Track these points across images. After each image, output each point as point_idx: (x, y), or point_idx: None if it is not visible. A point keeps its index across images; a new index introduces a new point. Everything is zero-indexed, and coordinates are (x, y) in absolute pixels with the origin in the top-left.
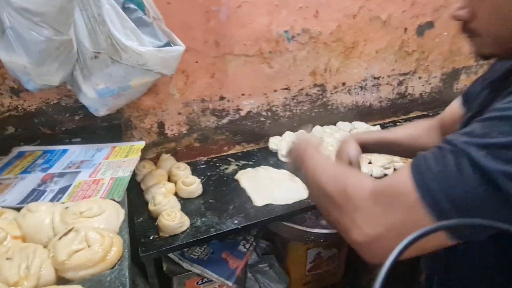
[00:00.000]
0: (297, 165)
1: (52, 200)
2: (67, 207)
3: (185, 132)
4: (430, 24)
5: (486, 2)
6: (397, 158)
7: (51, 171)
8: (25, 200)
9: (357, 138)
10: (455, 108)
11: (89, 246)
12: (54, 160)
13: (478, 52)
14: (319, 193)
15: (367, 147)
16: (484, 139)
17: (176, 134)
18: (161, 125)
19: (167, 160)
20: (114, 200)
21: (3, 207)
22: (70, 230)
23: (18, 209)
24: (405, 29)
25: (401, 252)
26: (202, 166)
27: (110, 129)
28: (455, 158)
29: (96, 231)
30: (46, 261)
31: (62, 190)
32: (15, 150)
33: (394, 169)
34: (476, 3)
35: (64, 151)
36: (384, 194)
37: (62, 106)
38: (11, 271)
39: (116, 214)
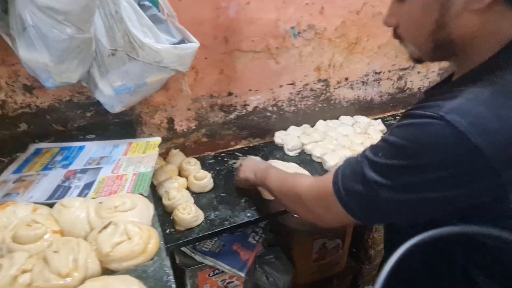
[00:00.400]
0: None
1: (79, 195)
2: (100, 202)
3: (194, 127)
4: None
5: (403, 10)
6: None
7: (72, 167)
8: (52, 196)
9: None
10: None
11: (129, 239)
12: (72, 157)
13: (409, 56)
14: (284, 204)
15: None
16: (373, 157)
17: (185, 130)
18: (170, 121)
19: (177, 156)
20: (142, 195)
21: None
22: (108, 224)
23: (47, 205)
24: None
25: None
26: (210, 161)
27: (123, 125)
28: (356, 163)
29: (134, 224)
30: (90, 253)
31: (87, 186)
32: (32, 147)
33: None
34: (397, 12)
35: (81, 147)
36: (317, 184)
37: (74, 103)
38: (61, 263)
39: (147, 208)
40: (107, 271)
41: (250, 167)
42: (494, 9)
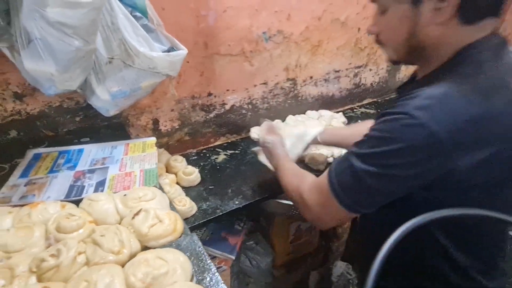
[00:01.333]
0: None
1: (95, 192)
2: (125, 195)
3: (177, 127)
4: None
5: (384, 21)
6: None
7: (78, 168)
8: (69, 195)
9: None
10: None
11: (160, 221)
12: (74, 160)
13: (388, 59)
14: (287, 192)
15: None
16: (358, 150)
17: (169, 130)
18: (155, 122)
19: (163, 154)
20: (156, 187)
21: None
22: (139, 211)
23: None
24: (359, 29)
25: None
26: (194, 158)
27: (113, 128)
28: (345, 160)
29: (160, 210)
30: (130, 235)
31: (100, 184)
32: (30, 153)
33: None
34: (379, 21)
35: (80, 150)
36: (315, 187)
37: (64, 108)
38: (110, 243)
39: (164, 198)
40: (146, 249)
41: (269, 147)
42: (451, 23)
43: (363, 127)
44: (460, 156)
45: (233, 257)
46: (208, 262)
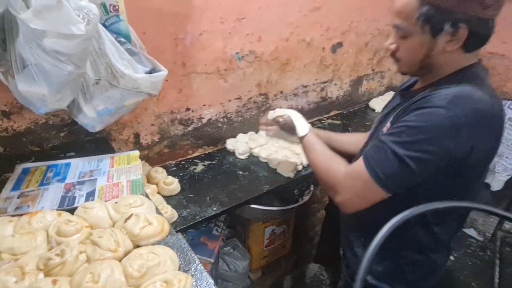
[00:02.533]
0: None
1: (86, 201)
2: (116, 202)
3: (157, 140)
4: (340, 44)
5: (405, 44)
6: None
7: (68, 181)
8: (62, 204)
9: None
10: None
11: (150, 224)
12: (63, 173)
13: (399, 70)
14: (318, 174)
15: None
16: (398, 138)
17: (149, 143)
18: (136, 136)
19: (144, 166)
20: (142, 195)
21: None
22: (131, 216)
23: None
24: (323, 48)
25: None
26: (173, 169)
27: (97, 142)
28: (384, 149)
29: (149, 214)
30: (124, 236)
31: (90, 194)
32: (19, 167)
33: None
34: (400, 42)
35: (68, 164)
36: (351, 175)
37: (50, 125)
38: (107, 243)
39: (151, 204)
40: (138, 247)
41: (290, 118)
42: (457, 51)
43: (357, 138)
44: (474, 140)
45: (212, 260)
46: (192, 255)
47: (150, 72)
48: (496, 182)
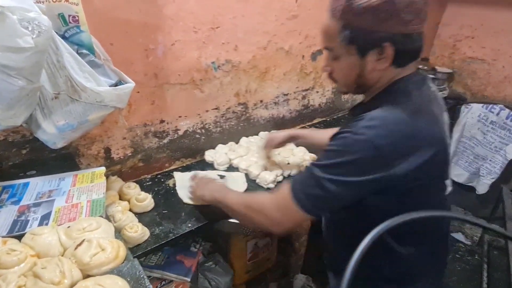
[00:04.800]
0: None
1: (39, 225)
2: (69, 226)
3: (130, 154)
4: (319, 51)
5: (337, 65)
6: (307, 157)
7: (23, 203)
8: (12, 230)
9: (296, 132)
10: None
11: (103, 250)
12: (19, 194)
13: (338, 90)
14: (241, 218)
15: (298, 138)
16: (319, 162)
17: (121, 157)
18: (107, 151)
19: (115, 182)
20: (102, 217)
21: None
22: (82, 241)
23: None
24: (303, 56)
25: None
26: (148, 183)
27: (62, 159)
28: (308, 173)
29: (104, 239)
30: (72, 265)
31: (45, 217)
32: None
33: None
34: (332, 64)
35: (26, 184)
36: (277, 194)
37: (9, 142)
38: (51, 274)
39: (109, 226)
40: (88, 277)
41: (204, 186)
42: (389, 68)
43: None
44: (398, 164)
45: (189, 279)
46: (147, 285)
47: (116, 85)
48: (481, 185)
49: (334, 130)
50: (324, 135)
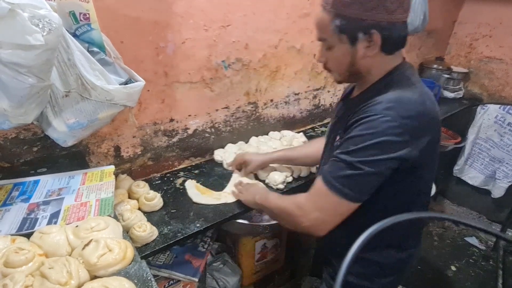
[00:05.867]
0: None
1: (48, 224)
2: (77, 226)
3: (140, 153)
4: None
5: (331, 54)
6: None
7: (33, 200)
8: (22, 228)
9: (263, 159)
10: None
11: (110, 250)
12: (29, 191)
13: (335, 79)
14: (281, 218)
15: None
16: (345, 149)
17: (131, 156)
18: (117, 149)
19: (125, 180)
20: (110, 216)
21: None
22: (90, 241)
23: (22, 236)
24: (314, 55)
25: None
26: (157, 182)
27: (72, 157)
28: (335, 162)
29: (112, 239)
30: (79, 266)
31: (54, 215)
32: None
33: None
34: (326, 54)
35: (36, 182)
36: (312, 194)
37: (20, 140)
38: (58, 275)
39: (117, 226)
40: (96, 278)
41: (251, 191)
42: (378, 55)
43: (313, 149)
44: (419, 139)
45: (196, 280)
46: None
47: (126, 83)
48: (496, 189)
49: (309, 144)
50: (300, 151)
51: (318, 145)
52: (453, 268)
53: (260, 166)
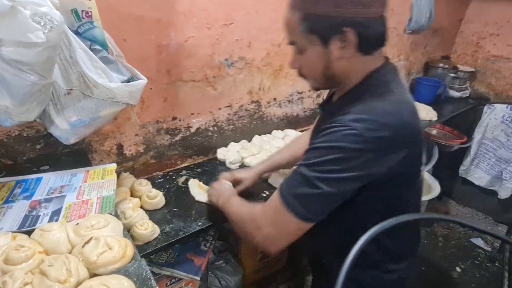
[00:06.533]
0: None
1: (50, 222)
2: (77, 224)
3: (142, 151)
4: None
5: (303, 59)
6: None
7: (35, 198)
8: (23, 225)
9: (254, 175)
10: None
11: (110, 248)
12: (32, 189)
13: (311, 86)
14: (238, 227)
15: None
16: (307, 161)
17: (134, 154)
18: (120, 147)
19: (127, 178)
20: (111, 214)
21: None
22: (90, 239)
23: (23, 233)
24: None
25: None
26: (159, 180)
27: (75, 155)
28: (296, 174)
29: (111, 237)
30: (79, 263)
31: (56, 213)
32: None
33: None
34: (299, 60)
35: (38, 179)
36: (266, 206)
37: (24, 137)
38: (57, 273)
39: (118, 224)
40: (95, 276)
41: (216, 193)
42: (355, 56)
43: (297, 147)
44: (384, 157)
45: (198, 278)
46: (154, 286)
47: (128, 81)
48: (503, 189)
49: (293, 144)
50: (287, 154)
51: (303, 143)
52: (458, 269)
53: (253, 182)
